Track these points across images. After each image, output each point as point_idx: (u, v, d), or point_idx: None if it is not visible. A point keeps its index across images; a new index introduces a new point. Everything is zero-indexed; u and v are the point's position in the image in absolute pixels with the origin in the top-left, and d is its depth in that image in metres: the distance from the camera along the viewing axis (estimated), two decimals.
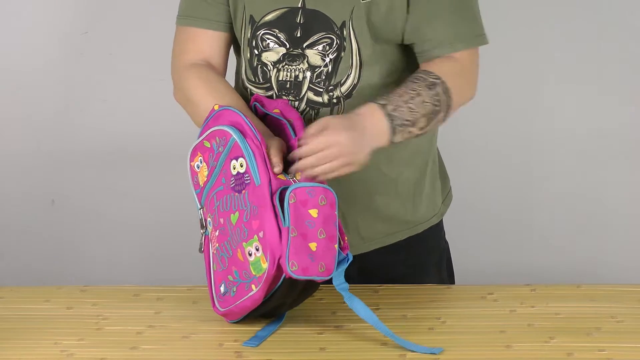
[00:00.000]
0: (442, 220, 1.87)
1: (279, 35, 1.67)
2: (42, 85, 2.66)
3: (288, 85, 1.68)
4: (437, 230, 1.85)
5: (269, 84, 1.69)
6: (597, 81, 2.64)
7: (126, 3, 2.61)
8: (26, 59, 2.64)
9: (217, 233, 1.54)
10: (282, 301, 1.51)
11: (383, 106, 1.56)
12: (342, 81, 1.67)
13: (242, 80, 1.73)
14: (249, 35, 1.69)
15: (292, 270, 1.43)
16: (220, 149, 1.53)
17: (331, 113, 1.68)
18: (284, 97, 1.68)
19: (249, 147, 1.50)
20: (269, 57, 1.68)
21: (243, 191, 1.50)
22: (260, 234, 1.47)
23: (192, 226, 2.73)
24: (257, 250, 1.48)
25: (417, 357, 1.45)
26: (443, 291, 1.70)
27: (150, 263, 2.72)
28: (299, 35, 1.67)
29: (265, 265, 1.46)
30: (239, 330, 1.54)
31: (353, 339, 1.51)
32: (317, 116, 1.68)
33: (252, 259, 1.49)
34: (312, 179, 1.50)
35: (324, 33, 1.66)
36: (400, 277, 1.76)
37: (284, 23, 1.67)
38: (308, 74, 1.67)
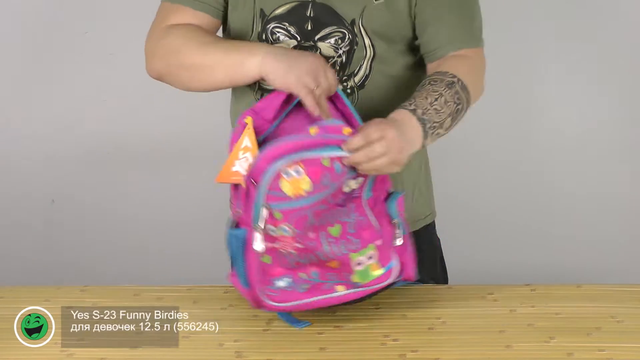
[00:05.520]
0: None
1: (289, 28, 1.67)
2: (42, 85, 2.66)
3: None
4: (431, 228, 1.89)
5: None
6: (595, 79, 2.64)
7: (126, 3, 2.61)
8: (26, 59, 2.64)
9: (298, 245, 1.48)
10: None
11: (414, 111, 1.55)
12: (355, 71, 1.68)
13: None
14: (259, 29, 1.69)
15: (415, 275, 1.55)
16: (349, 173, 1.48)
17: None
18: None
19: None
20: None
21: (349, 204, 1.50)
22: (378, 243, 1.51)
23: (193, 226, 2.75)
24: (370, 258, 1.50)
25: (417, 358, 1.45)
26: (443, 291, 1.70)
27: (150, 263, 2.72)
28: (309, 28, 1.67)
29: (378, 272, 1.51)
30: (239, 330, 1.54)
31: (353, 339, 1.51)
32: None
33: (360, 267, 1.50)
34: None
35: (336, 27, 1.67)
36: None
37: (294, 16, 1.67)
38: None
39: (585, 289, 1.69)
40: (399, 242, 1.53)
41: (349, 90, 1.69)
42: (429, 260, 1.88)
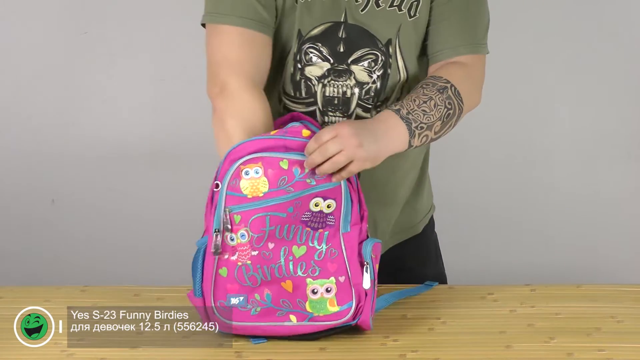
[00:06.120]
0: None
1: (321, 49, 1.66)
2: (42, 85, 2.66)
3: (336, 102, 1.67)
4: (432, 223, 1.90)
5: (312, 99, 1.67)
6: (596, 78, 2.64)
7: (126, 3, 2.61)
8: (26, 59, 2.64)
9: (254, 252, 1.49)
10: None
11: (397, 111, 1.55)
12: (389, 96, 1.68)
13: (278, 94, 1.70)
14: (295, 49, 1.66)
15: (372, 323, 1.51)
16: (307, 180, 1.48)
17: None
18: (330, 113, 1.67)
19: (349, 193, 1.50)
20: (312, 71, 1.67)
21: (321, 230, 1.50)
22: (341, 279, 1.50)
23: (193, 226, 2.74)
24: (329, 291, 1.50)
25: (417, 358, 1.45)
26: (443, 291, 1.70)
27: (150, 263, 2.72)
28: (342, 50, 1.66)
29: (334, 309, 1.49)
30: None
31: (353, 339, 1.51)
32: None
33: (315, 297, 1.50)
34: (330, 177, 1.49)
35: (368, 49, 1.66)
36: (405, 269, 1.79)
37: (327, 37, 1.66)
38: (356, 90, 1.67)
39: (585, 289, 1.69)
40: (366, 285, 1.50)
41: None
42: (433, 255, 1.89)
